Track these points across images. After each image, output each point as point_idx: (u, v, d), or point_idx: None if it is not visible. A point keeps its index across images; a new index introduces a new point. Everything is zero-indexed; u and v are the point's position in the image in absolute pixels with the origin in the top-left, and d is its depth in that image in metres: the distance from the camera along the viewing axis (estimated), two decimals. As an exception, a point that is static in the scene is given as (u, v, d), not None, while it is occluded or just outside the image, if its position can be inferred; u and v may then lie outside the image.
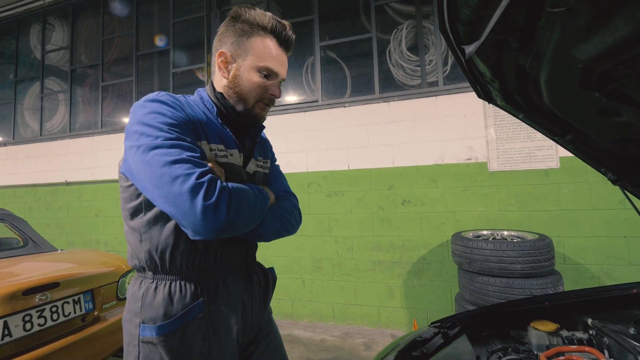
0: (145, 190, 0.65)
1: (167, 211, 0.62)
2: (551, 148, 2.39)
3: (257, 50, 0.74)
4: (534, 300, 0.98)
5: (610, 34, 0.41)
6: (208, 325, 0.71)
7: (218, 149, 0.72)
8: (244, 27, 0.74)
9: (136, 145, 0.64)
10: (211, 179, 0.61)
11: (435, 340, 0.84)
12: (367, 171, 2.80)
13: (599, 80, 0.53)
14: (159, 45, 3.65)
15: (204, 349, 0.70)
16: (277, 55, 0.76)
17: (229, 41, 0.75)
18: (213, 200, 0.60)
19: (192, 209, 0.59)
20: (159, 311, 0.68)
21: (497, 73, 0.69)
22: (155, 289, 0.70)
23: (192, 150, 0.64)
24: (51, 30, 4.32)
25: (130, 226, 0.72)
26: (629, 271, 2.21)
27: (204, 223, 0.59)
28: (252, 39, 0.74)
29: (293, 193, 0.92)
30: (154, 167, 0.61)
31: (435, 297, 2.59)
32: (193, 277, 0.71)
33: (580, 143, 0.83)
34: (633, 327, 0.77)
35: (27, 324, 1.37)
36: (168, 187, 0.60)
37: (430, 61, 2.80)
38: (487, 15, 0.52)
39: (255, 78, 0.75)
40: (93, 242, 3.70)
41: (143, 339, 0.68)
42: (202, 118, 0.73)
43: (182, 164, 0.60)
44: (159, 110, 0.66)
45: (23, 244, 2.03)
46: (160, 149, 0.61)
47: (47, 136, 4.12)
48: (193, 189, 0.59)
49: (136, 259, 0.73)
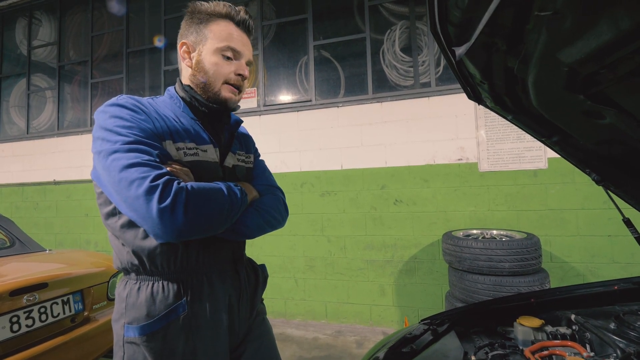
0: (110, 195, 0.65)
1: (129, 216, 0.62)
2: (540, 149, 2.44)
3: (216, 33, 0.76)
4: (520, 297, 1.00)
5: (594, 38, 0.42)
6: (192, 324, 0.70)
7: (187, 147, 0.71)
8: (201, 17, 0.77)
9: (98, 151, 0.64)
10: (167, 181, 0.60)
11: (425, 337, 0.85)
12: (360, 171, 2.82)
13: (583, 83, 0.55)
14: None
15: (188, 348, 0.69)
16: (237, 35, 0.78)
17: (189, 32, 0.78)
18: (168, 203, 0.58)
19: (148, 212, 0.58)
20: (142, 311, 0.68)
21: (487, 75, 0.70)
22: (138, 290, 0.70)
23: (149, 154, 0.63)
24: (38, 25, 4.21)
25: (110, 230, 0.73)
26: (612, 269, 2.28)
27: (162, 226, 0.59)
28: (210, 24, 0.76)
29: (278, 187, 0.91)
30: (113, 172, 0.61)
31: (426, 295, 2.62)
32: (175, 277, 0.70)
33: (566, 144, 0.86)
34: (613, 323, 0.80)
35: (15, 325, 1.35)
36: (126, 192, 0.60)
37: (423, 62, 2.82)
38: (476, 17, 0.53)
39: (218, 60, 0.76)
40: (83, 242, 3.63)
41: (127, 340, 0.68)
42: (169, 117, 0.73)
43: (138, 167, 0.60)
44: (119, 114, 0.66)
45: (9, 244, 1.98)
46: (117, 154, 0.61)
47: (34, 134, 4.02)
48: (148, 192, 0.58)
49: (119, 261, 0.73)
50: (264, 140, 3.06)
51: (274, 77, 3.26)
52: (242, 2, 3.34)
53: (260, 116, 3.13)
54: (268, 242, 3.01)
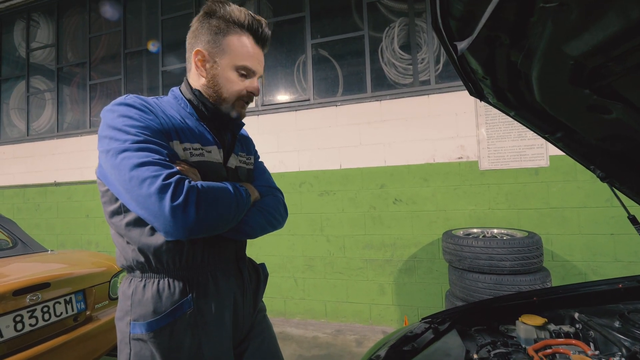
0: (119, 193, 0.66)
1: (139, 214, 0.63)
2: (541, 147, 2.43)
3: (235, 48, 0.74)
4: (522, 296, 0.99)
5: (601, 30, 0.41)
6: (198, 321, 0.71)
7: (193, 147, 0.72)
8: (220, 25, 0.73)
9: (106, 150, 0.64)
10: (179, 180, 0.61)
11: (426, 335, 0.85)
12: (359, 170, 2.80)
13: (589, 76, 0.54)
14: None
15: (194, 344, 0.70)
16: (254, 53, 0.77)
17: (205, 39, 0.74)
18: (181, 201, 0.60)
19: (160, 210, 0.59)
20: (148, 308, 0.68)
21: (489, 70, 0.69)
22: (144, 287, 0.70)
23: (159, 153, 0.64)
24: (36, 28, 4.20)
25: (114, 228, 0.73)
26: (615, 267, 2.27)
27: (174, 224, 0.60)
28: (228, 37, 0.74)
29: (278, 188, 0.93)
30: (123, 171, 0.61)
31: (425, 294, 2.61)
32: (181, 274, 0.71)
33: (570, 140, 0.84)
34: (618, 321, 0.79)
35: (19, 325, 1.38)
36: (137, 190, 0.60)
37: (423, 60, 2.81)
38: (479, 11, 0.52)
39: (234, 77, 0.76)
40: (84, 242, 3.63)
41: (134, 336, 0.69)
42: (175, 118, 0.73)
43: (149, 166, 0.61)
44: (127, 114, 0.66)
45: (12, 245, 2.00)
46: (127, 152, 0.62)
47: (34, 136, 4.02)
48: (160, 191, 0.59)
49: (124, 259, 0.74)
50: (262, 140, 3.05)
51: (271, 76, 3.25)
52: (239, 1, 3.32)
53: (259, 116, 3.11)
54: (267, 242, 3.00)
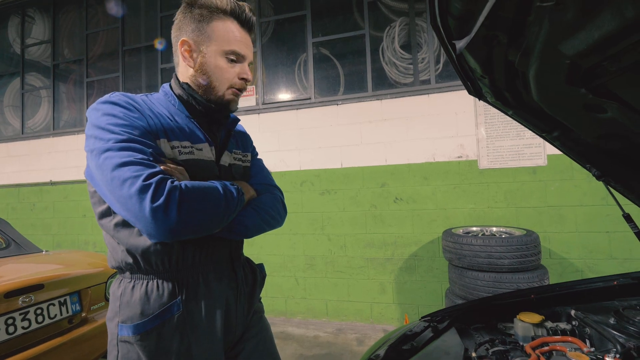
0: (103, 194, 0.64)
1: (122, 215, 0.61)
2: (539, 146, 2.44)
3: (221, 34, 0.72)
4: (520, 294, 1.00)
5: (596, 29, 0.42)
6: (187, 323, 0.69)
7: (182, 145, 0.70)
8: (203, 12, 0.72)
9: (90, 149, 0.63)
10: (160, 180, 0.59)
11: (425, 334, 0.85)
12: (360, 169, 2.81)
13: (585, 76, 0.54)
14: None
15: (183, 347, 0.68)
16: (241, 37, 0.74)
17: (189, 28, 0.72)
18: (161, 201, 0.58)
19: (141, 211, 0.57)
20: (136, 310, 0.67)
21: (487, 69, 0.69)
22: (132, 288, 0.69)
23: (143, 152, 0.62)
24: (31, 23, 4.15)
25: (104, 229, 0.72)
26: (611, 265, 2.28)
27: (155, 225, 0.58)
28: (212, 23, 0.72)
29: (276, 185, 0.89)
30: (106, 171, 0.60)
31: (426, 292, 2.62)
32: (171, 275, 0.70)
33: (567, 139, 0.85)
34: (613, 318, 0.80)
35: (10, 327, 1.34)
36: (119, 191, 0.59)
37: (423, 59, 2.81)
38: (477, 10, 0.53)
39: (222, 64, 0.73)
40: (81, 243, 3.61)
41: (121, 338, 0.68)
42: (163, 115, 0.71)
43: (131, 166, 0.59)
44: (111, 112, 0.64)
45: (5, 246, 1.97)
46: (110, 152, 0.60)
47: (29, 134, 3.98)
48: (141, 191, 0.57)
49: (114, 260, 0.73)
50: (263, 138, 3.05)
51: (272, 75, 3.25)
52: None
53: (259, 115, 3.11)
54: (268, 241, 3.00)
